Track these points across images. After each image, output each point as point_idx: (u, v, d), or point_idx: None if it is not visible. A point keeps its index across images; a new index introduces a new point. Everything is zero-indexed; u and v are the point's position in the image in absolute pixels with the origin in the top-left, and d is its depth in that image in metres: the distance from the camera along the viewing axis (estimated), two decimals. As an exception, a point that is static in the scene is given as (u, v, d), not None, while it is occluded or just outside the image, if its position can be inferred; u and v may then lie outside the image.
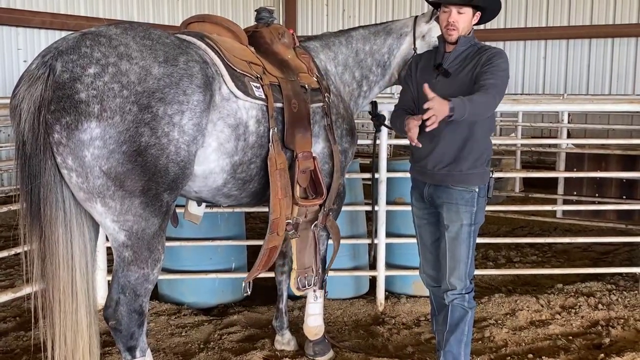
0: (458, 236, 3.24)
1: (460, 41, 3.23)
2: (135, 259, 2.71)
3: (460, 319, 3.27)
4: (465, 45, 3.23)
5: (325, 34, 3.97)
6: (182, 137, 2.67)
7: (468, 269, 3.28)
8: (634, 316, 4.50)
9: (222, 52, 3.05)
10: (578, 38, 12.32)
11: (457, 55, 3.24)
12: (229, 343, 4.10)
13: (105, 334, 3.80)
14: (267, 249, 3.29)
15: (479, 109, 3.04)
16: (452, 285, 3.28)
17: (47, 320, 2.66)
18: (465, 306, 3.28)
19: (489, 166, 3.29)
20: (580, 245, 6.56)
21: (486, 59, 3.15)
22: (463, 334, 3.29)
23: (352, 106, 3.86)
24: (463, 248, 3.25)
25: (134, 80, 2.54)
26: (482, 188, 3.25)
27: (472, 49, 3.24)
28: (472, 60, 3.20)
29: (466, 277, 3.27)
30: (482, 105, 3.04)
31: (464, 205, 3.22)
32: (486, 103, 3.05)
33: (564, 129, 8.70)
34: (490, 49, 3.22)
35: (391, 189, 4.82)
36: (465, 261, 3.26)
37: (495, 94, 3.07)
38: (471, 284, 3.32)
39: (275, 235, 3.27)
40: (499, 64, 3.13)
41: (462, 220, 3.23)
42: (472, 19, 3.23)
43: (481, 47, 3.25)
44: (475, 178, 3.23)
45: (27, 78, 2.52)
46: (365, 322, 4.53)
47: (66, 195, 2.61)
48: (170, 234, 4.07)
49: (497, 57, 3.15)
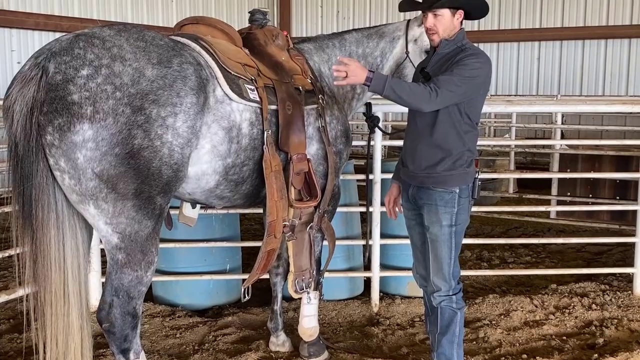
0: (438, 237, 3.21)
1: (441, 44, 3.17)
2: (129, 262, 2.70)
3: (450, 320, 3.27)
4: (448, 47, 3.17)
5: (319, 36, 3.99)
6: (175, 140, 2.67)
7: (452, 270, 3.25)
8: (627, 316, 4.52)
9: (217, 54, 3.05)
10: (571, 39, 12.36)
11: (440, 58, 3.19)
12: (223, 344, 4.09)
13: (99, 335, 3.79)
14: (265, 252, 3.29)
15: (405, 95, 2.97)
16: (436, 286, 3.27)
17: (39, 322, 2.66)
18: (454, 307, 3.27)
19: (471, 167, 3.23)
20: (574, 246, 6.58)
21: (459, 58, 3.08)
22: (454, 335, 3.28)
23: (346, 108, 3.87)
24: (444, 249, 3.22)
25: (127, 82, 2.54)
26: (464, 189, 3.20)
27: (456, 51, 3.16)
28: (449, 61, 3.13)
29: (450, 278, 3.25)
30: (411, 93, 2.97)
31: (444, 206, 3.18)
32: (416, 93, 2.97)
33: (557, 130, 8.72)
34: (470, 50, 3.14)
35: (385, 190, 4.79)
36: (447, 262, 3.23)
37: (439, 88, 2.96)
38: (458, 285, 3.31)
39: (272, 237, 3.27)
40: (468, 63, 3.05)
41: (442, 221, 3.19)
42: (452, 19, 3.15)
43: (466, 49, 3.16)
44: (455, 179, 3.18)
45: (20, 79, 2.52)
46: (359, 323, 4.53)
47: (58, 197, 2.60)
48: (165, 236, 4.06)
49: (471, 57, 3.07)
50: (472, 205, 3.33)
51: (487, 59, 3.14)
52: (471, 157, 3.22)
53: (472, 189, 3.23)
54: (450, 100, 3.03)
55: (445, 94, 2.99)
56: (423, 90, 2.98)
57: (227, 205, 3.36)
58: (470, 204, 3.29)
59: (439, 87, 2.97)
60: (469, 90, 3.06)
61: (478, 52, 3.14)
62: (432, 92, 2.97)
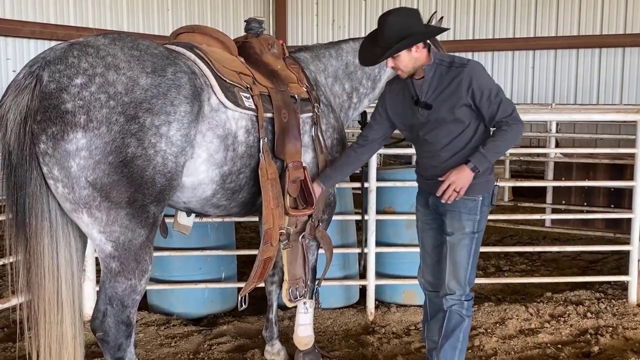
0: (460, 242, 3.25)
1: (424, 70, 3.15)
2: (123, 270, 2.69)
3: (457, 325, 3.28)
4: (430, 71, 3.15)
5: (315, 46, 3.99)
6: (169, 149, 2.67)
7: (468, 275, 3.28)
8: (622, 324, 4.52)
9: (212, 62, 3.05)
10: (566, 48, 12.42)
11: (430, 84, 3.16)
12: (218, 353, 4.08)
13: (94, 344, 3.78)
14: (262, 260, 3.28)
15: (504, 147, 3.16)
16: (450, 289, 3.28)
17: (32, 331, 2.64)
18: (463, 313, 3.28)
19: (492, 174, 3.28)
20: (569, 254, 6.59)
21: (468, 86, 3.07)
22: (458, 341, 3.29)
23: (342, 117, 3.87)
24: (464, 254, 3.25)
25: (121, 90, 2.54)
26: (486, 196, 3.25)
27: (440, 69, 3.15)
28: (447, 81, 3.11)
29: (466, 284, 3.28)
30: (509, 142, 3.14)
31: (467, 213, 3.22)
32: (511, 138, 3.11)
33: (552, 139, 8.75)
34: (461, 69, 3.11)
35: (381, 198, 4.83)
36: (465, 267, 3.26)
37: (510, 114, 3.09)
38: (471, 292, 3.33)
39: (269, 245, 3.26)
40: (484, 83, 3.09)
41: (465, 228, 3.23)
42: (411, 54, 3.09)
43: (450, 63, 3.14)
44: (479, 187, 3.21)
45: (14, 88, 2.52)
46: (355, 332, 4.52)
47: (52, 206, 2.60)
48: (160, 244, 4.06)
49: (478, 78, 3.09)
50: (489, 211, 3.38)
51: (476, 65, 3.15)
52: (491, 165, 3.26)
53: (492, 195, 3.28)
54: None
55: (516, 113, 3.13)
56: (514, 131, 3.10)
57: (223, 214, 3.35)
58: (488, 211, 3.33)
59: (510, 114, 3.09)
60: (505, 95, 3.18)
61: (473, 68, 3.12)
62: (517, 123, 3.11)
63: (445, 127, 3.16)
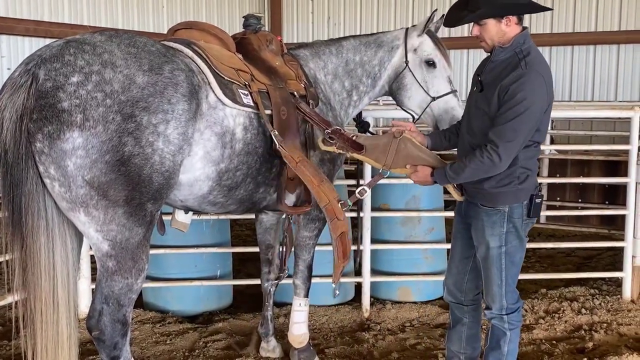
0: (487, 258, 3.06)
1: (495, 51, 2.96)
2: (119, 269, 2.69)
3: (499, 338, 3.14)
4: (502, 55, 2.94)
5: (315, 43, 3.92)
6: (167, 147, 2.66)
7: (503, 291, 3.07)
8: (616, 320, 4.55)
9: (210, 59, 3.04)
10: (560, 45, 12.44)
11: (495, 67, 2.97)
12: (214, 351, 4.08)
13: (89, 342, 3.78)
14: (337, 239, 3.23)
15: (468, 174, 2.91)
16: (487, 304, 3.16)
17: (28, 330, 2.64)
18: (505, 327, 3.11)
19: (525, 183, 2.97)
20: (563, 251, 6.62)
21: (505, 87, 2.84)
22: (502, 354, 3.14)
23: (342, 115, 3.85)
24: (494, 270, 3.05)
25: (117, 88, 2.53)
26: (515, 207, 2.98)
27: (513, 59, 2.91)
28: (504, 75, 2.88)
29: (502, 299, 3.08)
30: (473, 170, 2.88)
31: (491, 227, 3.00)
32: (478, 167, 2.86)
33: (547, 135, 8.77)
34: (521, 71, 2.85)
35: (376, 196, 4.84)
36: (497, 283, 3.06)
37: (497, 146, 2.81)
38: (515, 304, 3.12)
39: (336, 221, 3.21)
40: (516, 99, 2.80)
41: (489, 242, 3.02)
42: (499, 26, 2.92)
43: (520, 59, 2.88)
44: (503, 197, 2.97)
45: (9, 86, 2.51)
46: (350, 329, 4.53)
47: (48, 205, 2.59)
48: (155, 242, 4.05)
49: (516, 87, 2.81)
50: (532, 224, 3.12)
51: (534, 78, 2.85)
52: (526, 174, 2.98)
53: (530, 207, 3.01)
54: (516, 148, 2.85)
55: (507, 147, 2.83)
56: (481, 160, 2.84)
57: (220, 212, 3.35)
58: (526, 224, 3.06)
59: (497, 145, 2.81)
60: (529, 124, 2.84)
61: (522, 75, 2.84)
62: (492, 155, 2.82)
63: (481, 118, 2.97)
